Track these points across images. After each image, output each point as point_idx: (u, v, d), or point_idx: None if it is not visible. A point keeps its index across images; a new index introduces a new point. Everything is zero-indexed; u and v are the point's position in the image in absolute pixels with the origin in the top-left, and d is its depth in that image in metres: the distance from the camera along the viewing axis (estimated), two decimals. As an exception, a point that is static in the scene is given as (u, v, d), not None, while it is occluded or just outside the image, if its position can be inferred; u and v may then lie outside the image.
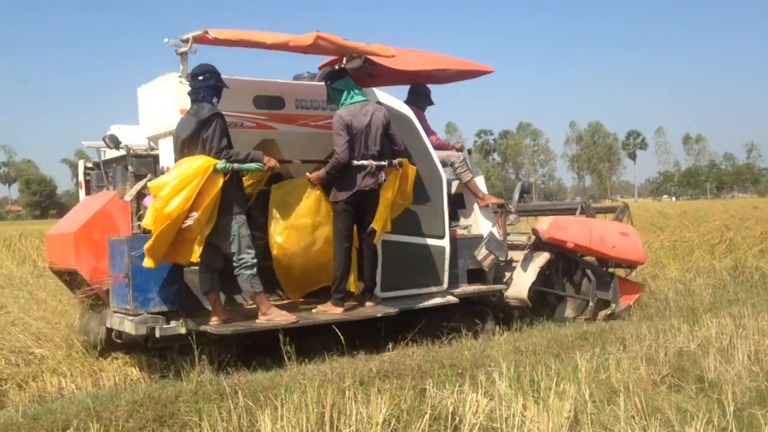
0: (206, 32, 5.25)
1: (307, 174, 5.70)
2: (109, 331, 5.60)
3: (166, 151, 5.69)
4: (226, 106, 5.39)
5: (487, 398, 4.12)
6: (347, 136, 5.51)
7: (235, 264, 5.16)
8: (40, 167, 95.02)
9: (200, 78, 5.25)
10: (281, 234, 5.63)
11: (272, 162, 5.35)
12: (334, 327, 5.27)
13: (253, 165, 5.24)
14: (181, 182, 4.88)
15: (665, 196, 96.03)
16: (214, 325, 5.11)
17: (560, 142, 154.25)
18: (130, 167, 6.23)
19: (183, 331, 5.18)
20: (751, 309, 6.24)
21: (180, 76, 5.42)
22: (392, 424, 3.83)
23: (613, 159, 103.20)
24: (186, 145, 5.14)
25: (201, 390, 4.21)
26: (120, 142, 6.35)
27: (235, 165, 5.10)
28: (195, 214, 4.89)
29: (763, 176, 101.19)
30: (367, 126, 5.59)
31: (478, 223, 6.96)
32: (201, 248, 4.98)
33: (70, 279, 6.33)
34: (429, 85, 7.06)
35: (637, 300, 7.44)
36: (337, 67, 6.06)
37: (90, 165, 7.34)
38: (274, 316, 5.22)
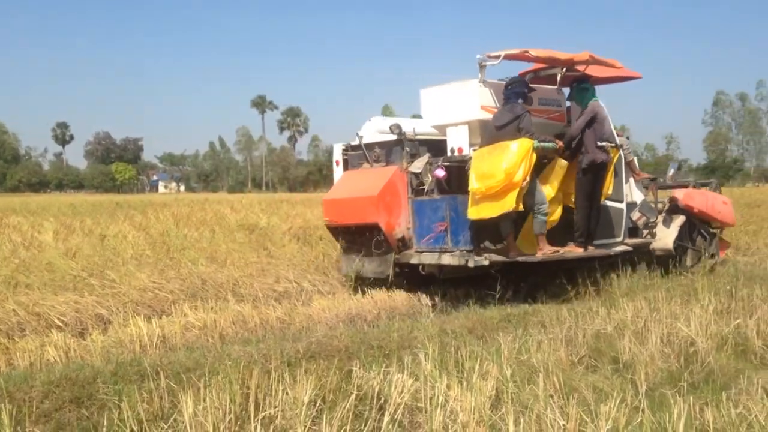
0: (526, 51, 7.60)
1: (559, 143, 7.58)
2: (402, 266, 7.92)
3: (455, 137, 7.78)
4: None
5: (412, 379, 4.18)
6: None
7: (534, 210, 7.34)
8: None
9: (512, 86, 7.47)
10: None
11: (560, 143, 7.54)
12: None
13: (551, 144, 7.43)
14: (519, 156, 6.89)
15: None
16: (512, 255, 7.31)
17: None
18: (407, 148, 8.07)
19: (486, 262, 7.25)
20: (665, 293, 6.51)
21: (480, 82, 7.66)
22: (318, 405, 3.84)
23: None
24: (500, 130, 7.22)
25: (120, 371, 4.11)
26: (402, 130, 8.16)
27: (542, 144, 7.24)
28: (528, 179, 6.96)
29: (682, 166, 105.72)
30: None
31: (632, 192, 8.95)
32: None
33: (340, 235, 8.41)
34: None
35: (726, 253, 9.99)
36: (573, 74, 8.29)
37: (346, 147, 9.10)
38: (546, 251, 7.37)
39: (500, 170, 6.87)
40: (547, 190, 7.54)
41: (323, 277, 8.23)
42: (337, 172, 9.12)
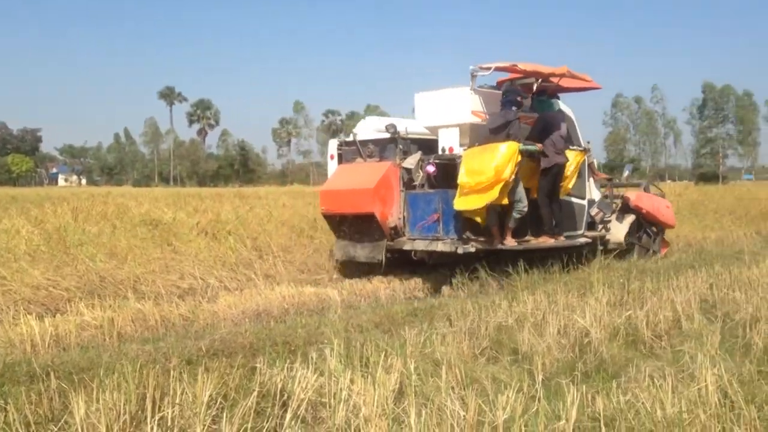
0: (515, 65, 8.77)
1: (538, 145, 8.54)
2: (392, 252, 8.79)
3: (446, 137, 8.69)
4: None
5: (317, 374, 4.17)
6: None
7: (514, 206, 8.26)
8: None
9: (507, 95, 8.45)
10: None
11: (540, 146, 8.51)
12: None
13: (533, 147, 8.44)
14: (507, 156, 7.87)
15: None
16: (496, 244, 8.31)
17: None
18: (400, 146, 8.97)
19: (473, 250, 8.22)
20: (563, 287, 6.78)
21: (471, 89, 8.57)
22: (219, 403, 3.76)
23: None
24: (493, 133, 8.17)
25: (8, 372, 3.89)
26: (396, 130, 8.99)
27: (526, 147, 8.28)
28: (514, 176, 7.96)
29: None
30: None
31: (592, 191, 10.08)
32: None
33: (337, 223, 9.18)
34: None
35: (667, 252, 11.01)
36: (534, 87, 9.29)
37: (340, 143, 10.00)
38: (509, 242, 8.39)
39: (490, 167, 7.82)
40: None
41: (231, 273, 8.07)
42: (332, 165, 9.88)
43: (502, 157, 7.87)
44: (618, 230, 10.23)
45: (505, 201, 8.12)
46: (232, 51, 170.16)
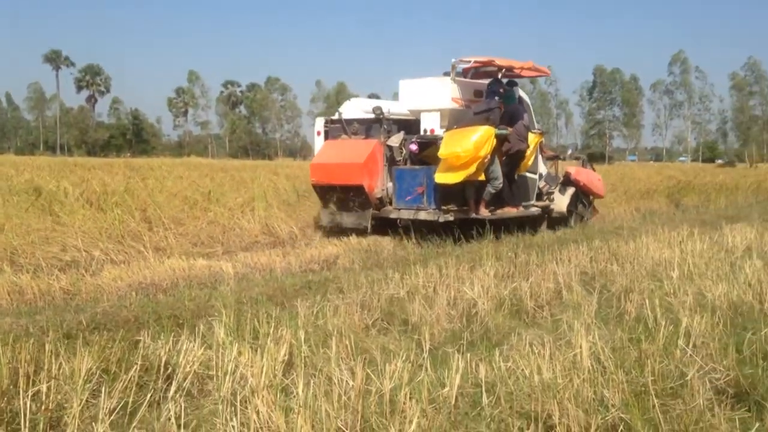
0: (492, 60, 10.12)
1: (509, 129, 9.79)
2: (377, 219, 9.89)
3: (428, 120, 9.86)
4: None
5: (204, 347, 4.09)
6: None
7: (490, 182, 9.56)
8: None
9: (491, 86, 9.87)
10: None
11: (510, 129, 9.77)
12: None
13: (505, 131, 9.64)
14: (483, 138, 9.05)
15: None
16: (471, 214, 9.61)
17: (307, 100, 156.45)
18: (384, 126, 10.01)
19: (451, 218, 9.49)
20: (454, 260, 6.96)
21: (451, 79, 9.86)
22: (99, 377, 3.63)
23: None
24: (476, 117, 9.35)
25: None
26: (382, 111, 9.99)
27: (500, 132, 9.47)
28: (489, 156, 9.24)
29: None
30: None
31: (540, 166, 11.42)
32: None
33: (326, 192, 10.15)
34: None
35: (596, 217, 12.72)
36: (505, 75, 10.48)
37: (327, 120, 10.84)
38: (483, 212, 9.70)
39: (470, 145, 8.95)
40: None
41: (117, 246, 7.73)
42: (319, 141, 10.84)
43: (480, 138, 9.03)
44: (561, 201, 11.60)
45: (482, 177, 9.38)
46: (125, 14, 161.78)
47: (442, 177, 9.20)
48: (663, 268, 6.85)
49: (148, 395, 3.51)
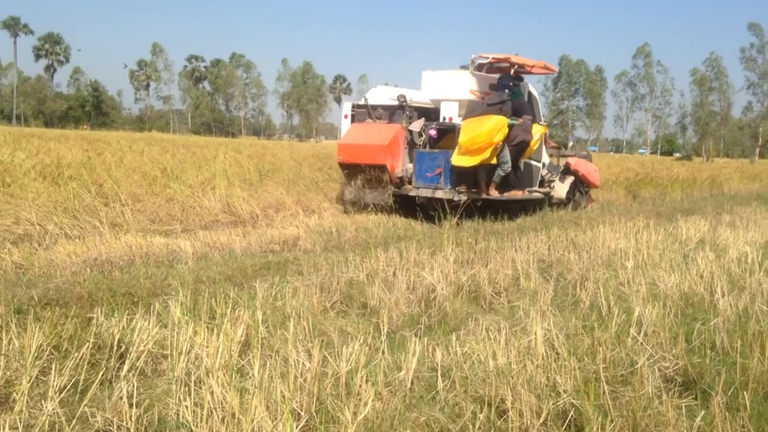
0: (508, 58, 11.37)
1: (519, 120, 10.79)
2: (398, 198, 10.96)
3: (447, 109, 10.89)
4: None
5: (159, 326, 4.04)
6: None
7: (500, 166, 10.56)
8: None
9: (502, 80, 10.91)
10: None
11: (521, 120, 10.77)
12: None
13: (516, 121, 10.59)
14: (497, 126, 10.01)
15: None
16: (483, 195, 10.60)
17: (272, 78, 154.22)
18: (407, 112, 11.03)
19: (465, 197, 10.28)
20: (416, 245, 6.97)
21: (470, 72, 11.06)
22: (49, 354, 3.55)
23: (321, 100, 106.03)
24: (489, 108, 10.18)
25: None
26: (405, 99, 11.04)
27: (512, 121, 10.43)
28: (501, 142, 10.24)
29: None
30: None
31: (543, 155, 12.50)
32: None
33: (351, 170, 11.13)
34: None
35: (592, 205, 13.48)
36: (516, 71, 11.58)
37: (354, 105, 11.82)
38: (493, 194, 10.71)
39: (485, 132, 9.93)
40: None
41: (72, 221, 7.55)
42: (345, 123, 11.84)
43: (494, 126, 10.01)
44: (561, 189, 12.63)
45: (494, 161, 10.35)
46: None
47: (459, 160, 10.19)
48: (618, 258, 6.98)
49: (100, 373, 3.45)
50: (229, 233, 8.28)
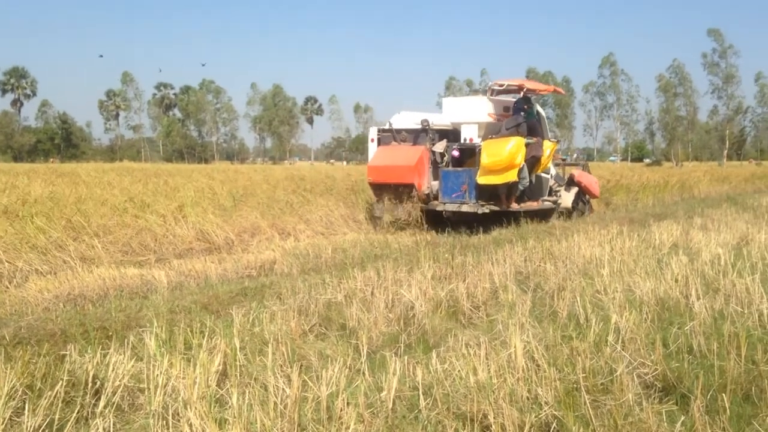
0: (522, 84, 12.53)
1: (534, 139, 11.94)
2: (428, 213, 12.13)
3: (468, 131, 12.17)
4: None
5: (134, 360, 3.97)
6: None
7: (520, 182, 11.62)
8: None
9: (517, 104, 12.13)
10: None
11: (536, 139, 11.87)
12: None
13: (533, 140, 11.70)
14: (517, 148, 11.20)
15: (332, 161, 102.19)
16: (503, 207, 11.71)
17: (243, 103, 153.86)
18: (430, 135, 12.18)
19: (487, 210, 11.57)
20: (392, 262, 6.96)
21: (488, 98, 12.41)
22: (22, 394, 3.47)
23: (293, 122, 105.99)
24: (507, 130, 11.50)
25: None
26: (429, 123, 12.19)
27: (528, 141, 11.52)
28: (522, 162, 11.38)
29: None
30: None
31: (551, 168, 13.37)
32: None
33: (381, 189, 12.32)
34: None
35: (592, 213, 14.43)
36: (526, 95, 12.46)
37: (379, 130, 12.98)
38: (513, 206, 11.82)
39: (506, 153, 11.18)
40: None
41: (41, 256, 7.42)
42: (372, 147, 12.94)
43: (514, 148, 11.21)
44: (567, 198, 13.73)
45: (516, 178, 11.46)
46: (51, 13, 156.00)
47: (485, 179, 11.41)
48: (594, 266, 7.04)
49: (76, 411, 3.38)
50: (204, 260, 8.20)
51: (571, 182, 14.00)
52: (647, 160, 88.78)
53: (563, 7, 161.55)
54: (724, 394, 3.32)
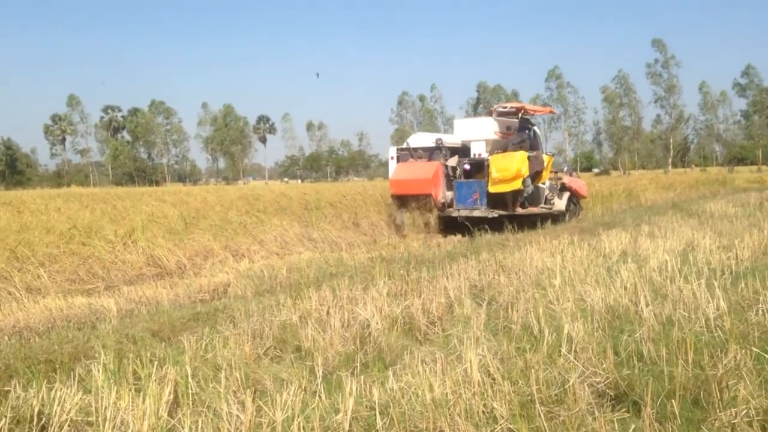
0: (523, 106, 15.88)
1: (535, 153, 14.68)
2: (442, 219, 14.51)
3: (477, 147, 14.63)
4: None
5: (81, 393, 3.85)
6: None
7: (525, 190, 13.75)
8: None
9: (521, 122, 15.12)
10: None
11: (536, 153, 14.55)
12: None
13: (533, 154, 14.04)
14: (522, 161, 13.65)
15: (286, 179, 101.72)
16: (510, 212, 13.99)
17: (193, 123, 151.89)
18: (443, 151, 14.64)
19: (496, 215, 13.79)
20: (348, 281, 6.93)
21: (493, 118, 15.02)
22: (-39, 436, 3.33)
23: (245, 142, 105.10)
24: (513, 146, 14.17)
25: None
26: (442, 141, 14.85)
27: (530, 154, 14.08)
28: (527, 172, 13.87)
29: (373, 162, 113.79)
30: None
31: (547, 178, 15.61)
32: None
33: (402, 200, 14.62)
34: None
35: (582, 211, 17.01)
36: (524, 116, 15.55)
37: (398, 148, 15.45)
38: (519, 211, 14.01)
39: (513, 166, 13.55)
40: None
41: (-16, 288, 7.17)
42: (392, 164, 15.23)
43: (519, 160, 13.55)
44: (560, 203, 15.59)
45: (521, 186, 13.60)
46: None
47: (495, 188, 13.70)
48: (546, 276, 7.12)
49: (20, 451, 3.25)
50: (156, 286, 8.04)
51: (563, 188, 16.02)
52: (596, 170, 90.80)
53: (508, 20, 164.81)
54: (673, 400, 3.38)
